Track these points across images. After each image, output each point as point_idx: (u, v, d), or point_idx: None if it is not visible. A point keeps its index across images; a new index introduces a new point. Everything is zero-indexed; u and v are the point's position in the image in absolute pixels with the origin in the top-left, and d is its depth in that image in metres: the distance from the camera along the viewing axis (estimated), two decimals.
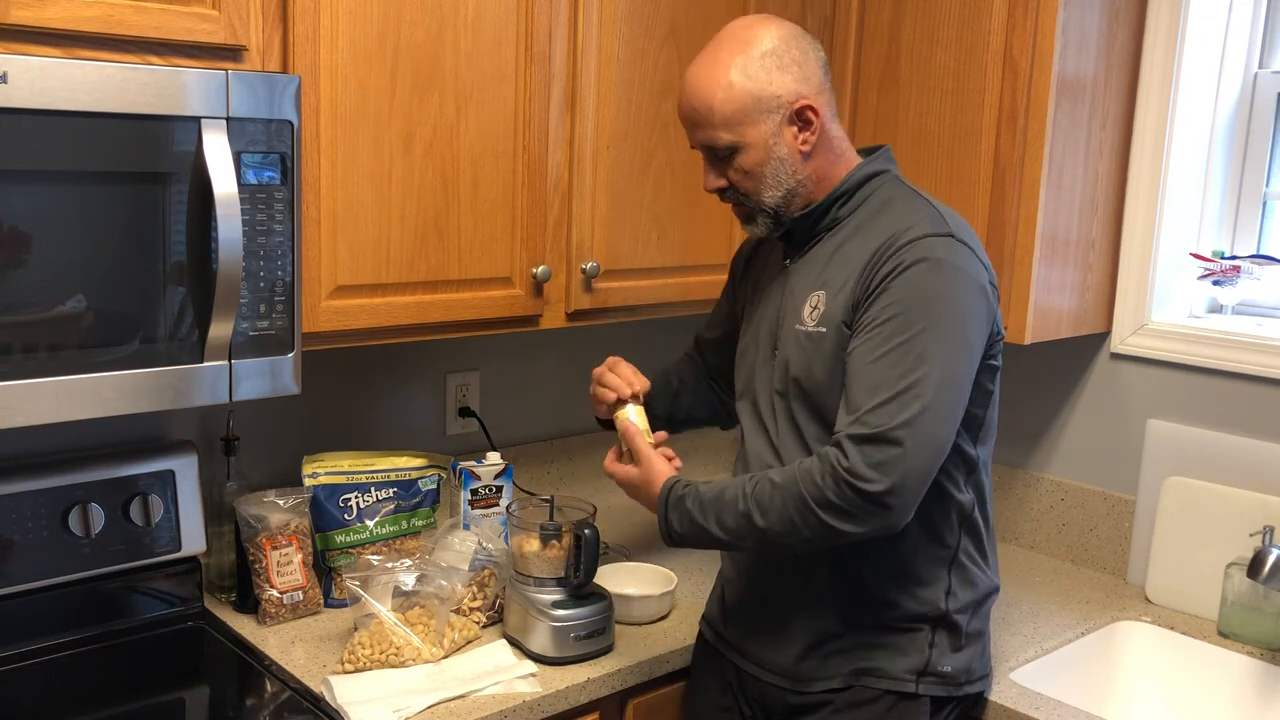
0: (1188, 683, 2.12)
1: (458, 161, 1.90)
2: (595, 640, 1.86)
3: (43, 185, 1.46)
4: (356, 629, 1.83)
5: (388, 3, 1.78)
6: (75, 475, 1.84)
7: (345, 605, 1.91)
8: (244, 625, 1.92)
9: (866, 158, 1.74)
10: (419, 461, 2.09)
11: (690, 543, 1.67)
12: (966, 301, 1.58)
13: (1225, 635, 2.12)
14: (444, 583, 1.87)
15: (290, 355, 1.70)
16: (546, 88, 1.99)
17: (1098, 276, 2.31)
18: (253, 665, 1.81)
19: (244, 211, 1.59)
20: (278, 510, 1.94)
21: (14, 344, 1.46)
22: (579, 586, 1.86)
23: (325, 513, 1.99)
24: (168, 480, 1.92)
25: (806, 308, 1.68)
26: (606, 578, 2.00)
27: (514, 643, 1.89)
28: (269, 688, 1.75)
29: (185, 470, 1.94)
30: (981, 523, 1.74)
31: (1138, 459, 2.32)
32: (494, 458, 2.14)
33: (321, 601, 1.99)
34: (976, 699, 1.81)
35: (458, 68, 1.87)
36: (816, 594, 1.72)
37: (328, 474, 2.00)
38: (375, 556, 1.93)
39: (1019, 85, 2.08)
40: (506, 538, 1.99)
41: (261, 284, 1.65)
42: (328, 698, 1.69)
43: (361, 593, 1.83)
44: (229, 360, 1.63)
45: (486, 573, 1.97)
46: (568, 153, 2.05)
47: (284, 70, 1.69)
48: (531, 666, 1.81)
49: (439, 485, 2.11)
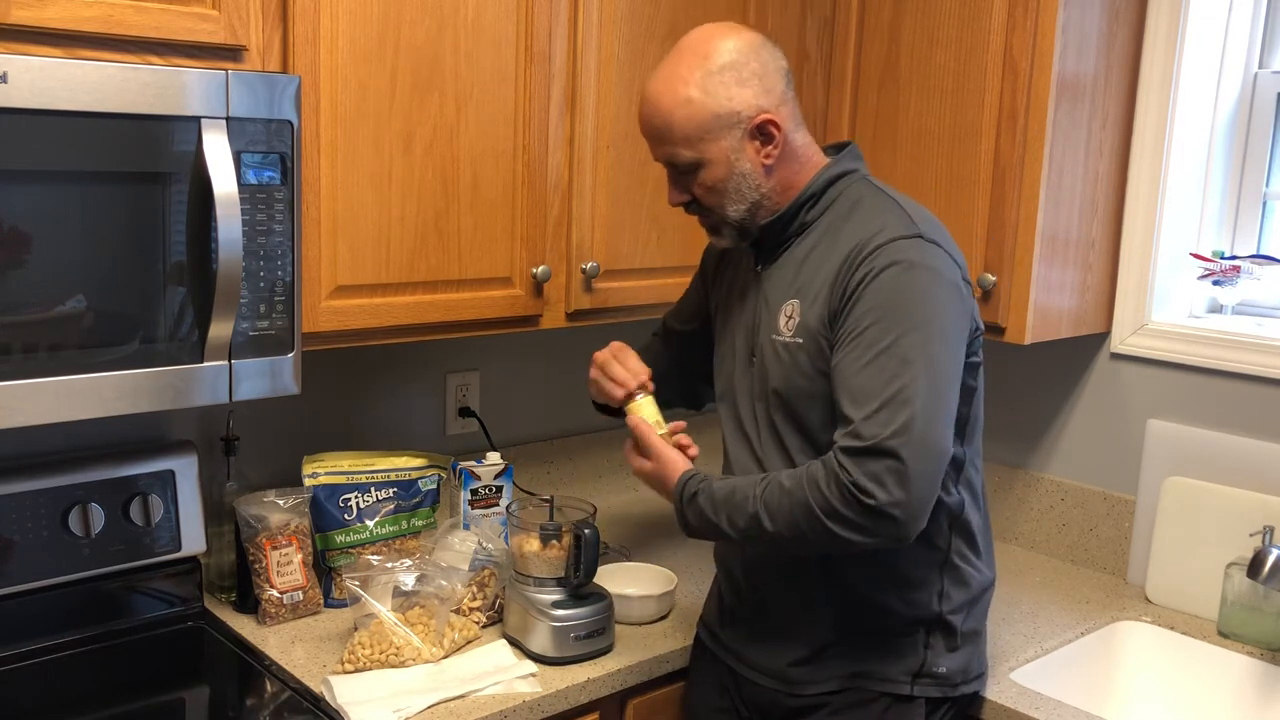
0: (1188, 683, 2.12)
1: (458, 161, 1.90)
2: (595, 640, 1.86)
3: (43, 185, 1.46)
4: (356, 629, 1.83)
5: (388, 3, 1.78)
6: (75, 475, 1.84)
7: (345, 605, 1.91)
8: (244, 625, 1.92)
9: (834, 156, 1.71)
10: (419, 461, 2.09)
11: (708, 536, 1.68)
12: (943, 301, 1.57)
13: (1225, 635, 2.12)
14: (444, 583, 1.87)
15: (290, 355, 1.70)
16: (546, 88, 1.99)
17: (1098, 276, 2.31)
18: (253, 665, 1.81)
19: (244, 211, 1.59)
20: (278, 510, 1.94)
21: (14, 344, 1.46)
22: (579, 586, 1.86)
23: (325, 513, 1.99)
24: (168, 480, 1.92)
25: (782, 317, 1.67)
26: (606, 578, 2.00)
27: (514, 643, 1.89)
28: (269, 688, 1.75)
29: (185, 470, 1.94)
30: (973, 521, 1.72)
31: (1138, 459, 2.32)
32: (494, 458, 2.14)
33: (321, 601, 1.99)
34: (972, 698, 1.81)
35: (458, 68, 1.87)
36: (810, 601, 1.72)
37: (328, 474, 2.00)
38: (375, 556, 1.93)
39: (1019, 85, 2.08)
40: (506, 538, 1.99)
41: (261, 284, 1.64)
42: (328, 698, 1.69)
43: (361, 593, 1.83)
44: (229, 360, 1.63)
45: (486, 573, 1.97)
46: (568, 153, 2.05)
47: (284, 70, 1.69)
48: (531, 666, 1.81)
49: (439, 485, 2.11)
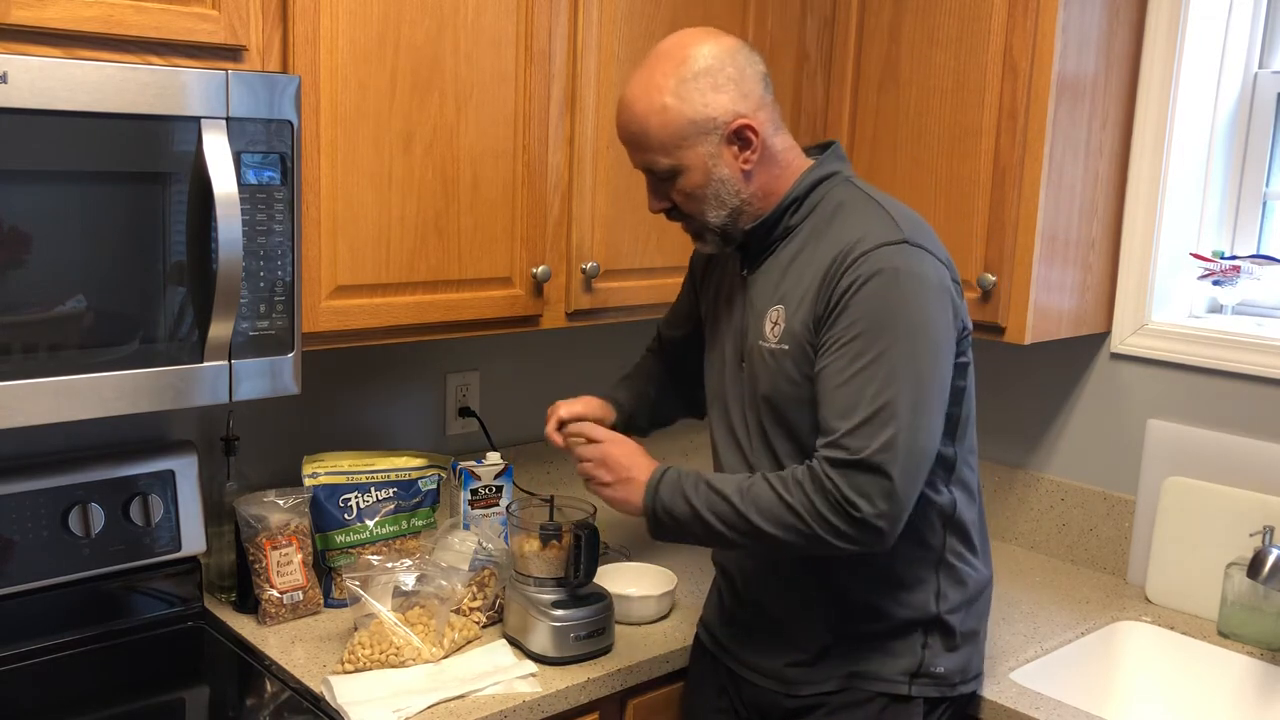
0: (1188, 683, 2.12)
1: (458, 161, 1.90)
2: (595, 640, 1.86)
3: (43, 185, 1.46)
4: (356, 629, 1.83)
5: (388, 3, 1.78)
6: (75, 475, 1.84)
7: (345, 605, 1.91)
8: (244, 625, 1.92)
9: (817, 156, 1.70)
10: (419, 461, 2.09)
11: (678, 524, 1.61)
12: (929, 308, 1.56)
13: (1225, 635, 2.12)
14: (444, 583, 1.87)
15: (290, 355, 1.70)
16: (546, 88, 1.99)
17: (1097, 276, 2.30)
18: (253, 665, 1.81)
19: (244, 211, 1.59)
20: (278, 510, 1.94)
21: (14, 344, 1.46)
22: (579, 586, 1.86)
23: (325, 513, 1.99)
24: (168, 480, 1.92)
25: (768, 323, 1.66)
26: (606, 578, 2.00)
27: (514, 643, 1.89)
28: (269, 688, 1.75)
29: (185, 470, 1.94)
30: (968, 519, 1.72)
31: (1137, 459, 2.32)
32: (494, 458, 2.14)
33: (321, 601, 1.99)
34: (970, 698, 1.80)
35: (458, 68, 1.87)
36: (808, 602, 1.72)
37: (328, 474, 2.00)
38: (375, 556, 1.93)
39: (1019, 85, 2.08)
40: (506, 538, 1.99)
41: (261, 284, 1.64)
42: (328, 698, 1.69)
43: (361, 593, 1.83)
44: (229, 360, 1.63)
45: (486, 573, 1.97)
46: (568, 153, 2.05)
47: (284, 70, 1.69)
48: (531, 666, 1.81)
49: (439, 485, 2.11)
